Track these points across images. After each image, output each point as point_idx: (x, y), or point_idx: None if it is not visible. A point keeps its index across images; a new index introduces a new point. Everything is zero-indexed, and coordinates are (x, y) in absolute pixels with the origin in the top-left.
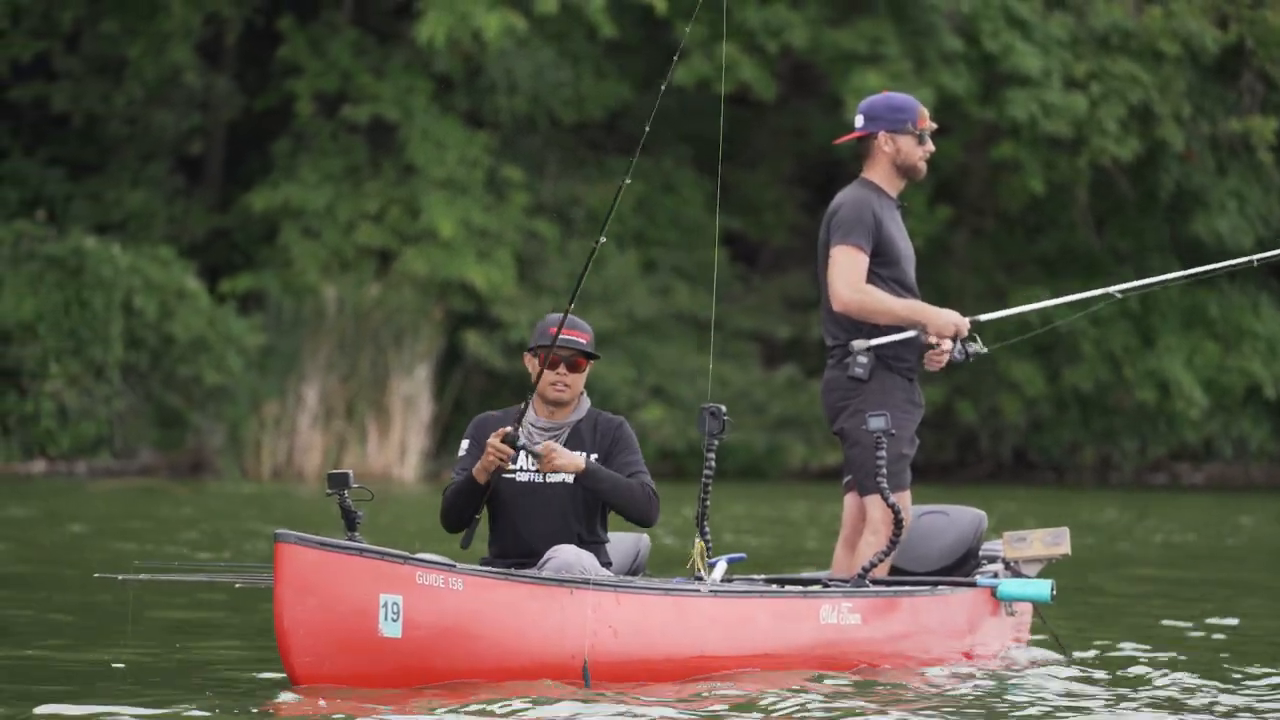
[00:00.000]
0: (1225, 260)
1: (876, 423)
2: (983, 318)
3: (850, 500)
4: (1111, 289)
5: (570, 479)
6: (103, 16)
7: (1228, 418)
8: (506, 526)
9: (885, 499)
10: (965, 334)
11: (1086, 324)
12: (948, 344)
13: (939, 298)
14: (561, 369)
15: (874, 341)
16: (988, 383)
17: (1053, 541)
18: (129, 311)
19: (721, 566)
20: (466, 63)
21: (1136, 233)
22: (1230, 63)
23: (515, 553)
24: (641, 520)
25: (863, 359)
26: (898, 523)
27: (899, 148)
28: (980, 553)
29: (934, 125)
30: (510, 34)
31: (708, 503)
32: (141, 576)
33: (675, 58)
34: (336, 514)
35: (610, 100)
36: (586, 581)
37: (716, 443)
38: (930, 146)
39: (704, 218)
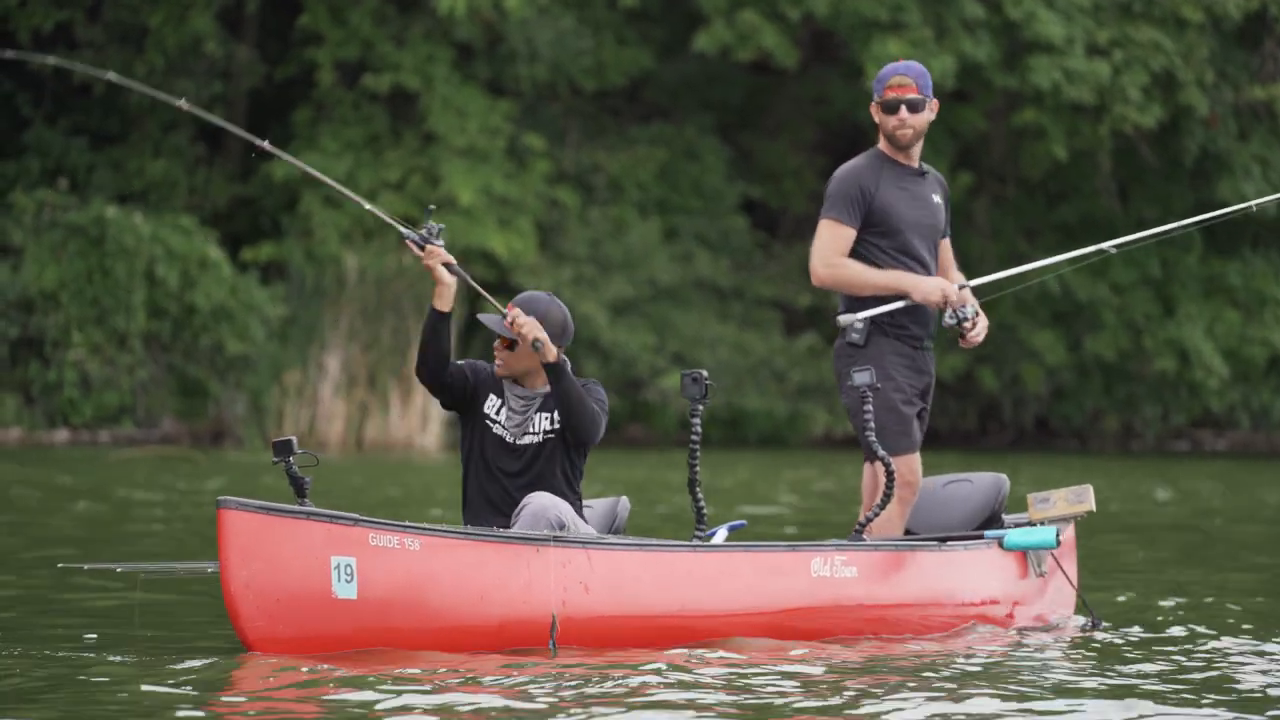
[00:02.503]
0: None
1: (861, 377)
2: (973, 283)
3: (869, 469)
4: (1105, 244)
5: (541, 438)
6: None
7: (1248, 388)
8: (477, 488)
9: (874, 453)
10: (955, 301)
11: (1108, 292)
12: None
13: (960, 265)
14: (497, 344)
15: (862, 314)
16: (1009, 351)
17: (1076, 499)
18: (151, 281)
19: (721, 534)
20: (487, 31)
21: (1161, 199)
22: (1253, 29)
23: (488, 513)
24: (585, 436)
25: (859, 324)
26: (890, 475)
27: (879, 118)
28: (1004, 519)
29: (906, 95)
30: (531, 2)
31: (697, 468)
32: (118, 568)
33: None
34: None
35: (631, 67)
36: (551, 539)
37: (701, 408)
38: (901, 115)
39: (725, 185)
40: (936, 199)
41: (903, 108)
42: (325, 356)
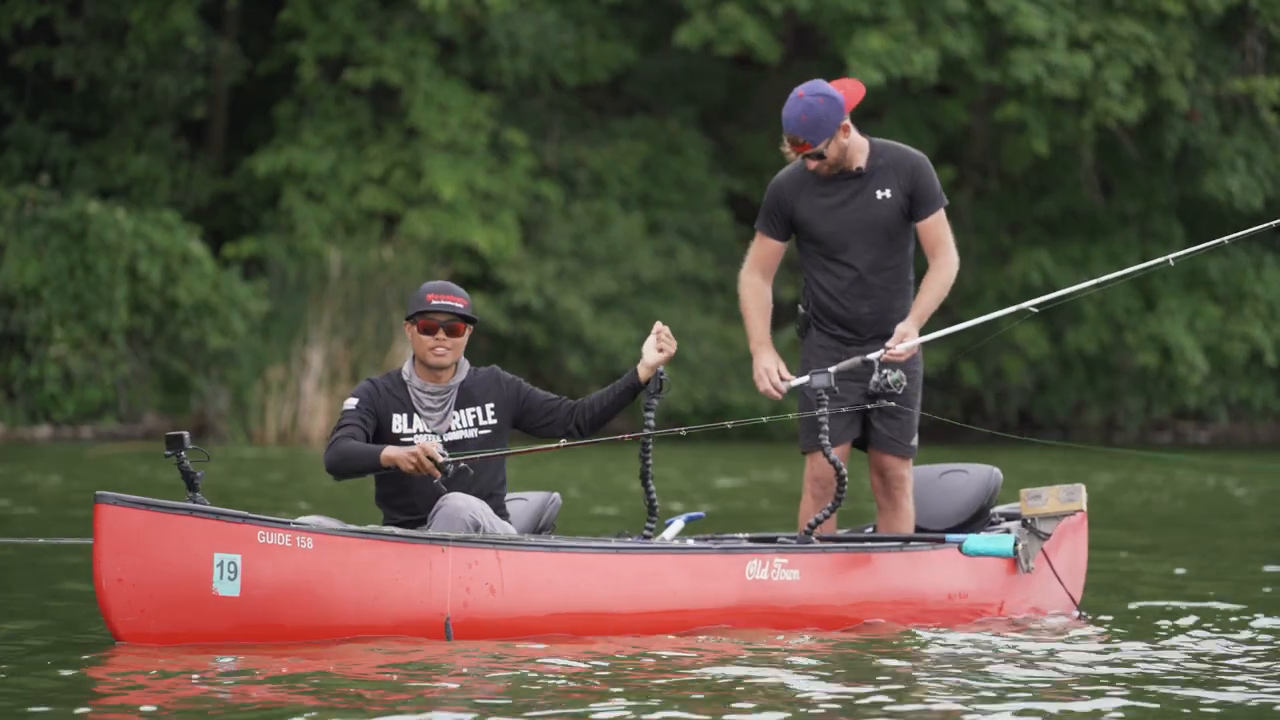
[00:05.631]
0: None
1: (819, 380)
2: (833, 369)
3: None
4: (1028, 304)
5: (476, 433)
6: None
7: (1227, 383)
8: (397, 490)
9: (827, 455)
10: (771, 395)
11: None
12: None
13: None
14: (440, 334)
15: (795, 381)
16: (991, 344)
17: (1068, 498)
18: (133, 276)
19: (677, 525)
20: (469, 25)
21: (1144, 193)
22: (1233, 23)
23: (407, 514)
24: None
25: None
26: (841, 478)
27: None
28: (995, 512)
29: (802, 153)
30: None
31: (649, 461)
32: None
33: None
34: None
35: (613, 62)
36: (445, 539)
37: (655, 402)
38: (808, 165)
39: (708, 179)
40: (883, 194)
41: (806, 161)
42: (308, 351)
